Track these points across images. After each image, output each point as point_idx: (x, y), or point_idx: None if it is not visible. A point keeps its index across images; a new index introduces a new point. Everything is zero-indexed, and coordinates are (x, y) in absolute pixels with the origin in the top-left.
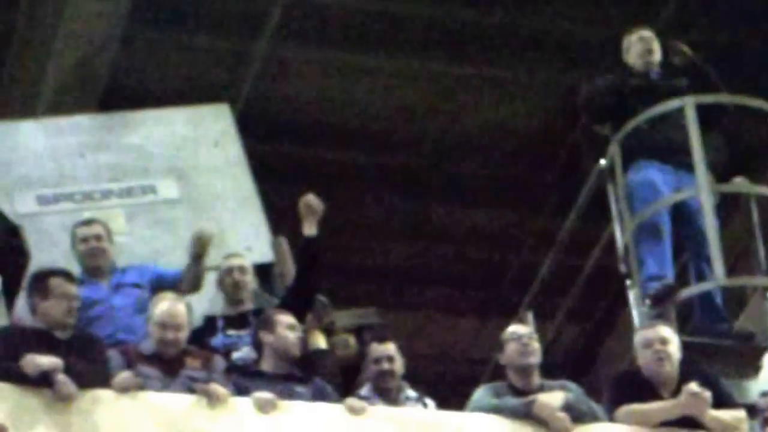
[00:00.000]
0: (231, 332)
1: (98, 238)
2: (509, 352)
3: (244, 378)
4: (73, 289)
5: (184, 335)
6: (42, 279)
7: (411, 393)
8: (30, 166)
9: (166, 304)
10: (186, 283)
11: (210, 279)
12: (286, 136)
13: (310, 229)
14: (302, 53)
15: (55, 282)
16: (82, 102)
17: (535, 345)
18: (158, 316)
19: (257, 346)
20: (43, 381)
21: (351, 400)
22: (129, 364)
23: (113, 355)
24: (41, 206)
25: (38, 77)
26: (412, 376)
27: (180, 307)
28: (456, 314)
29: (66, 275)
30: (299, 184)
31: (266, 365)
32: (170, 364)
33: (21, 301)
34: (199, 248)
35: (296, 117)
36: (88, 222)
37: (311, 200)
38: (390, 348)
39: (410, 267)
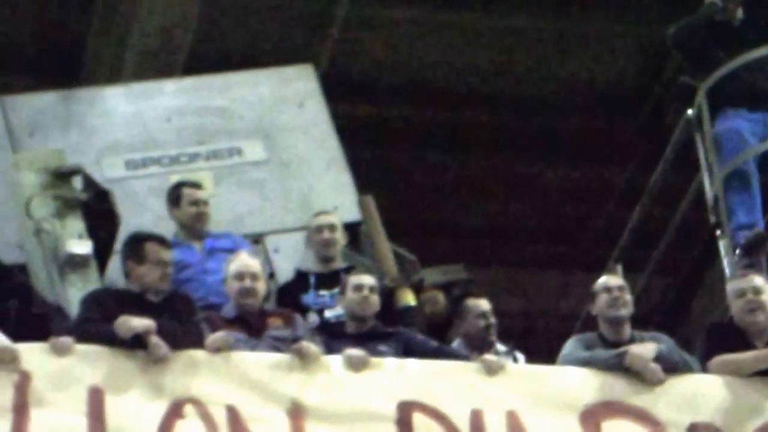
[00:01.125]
0: (323, 291)
1: (207, 202)
2: (600, 304)
3: (330, 340)
4: (168, 255)
5: (261, 286)
6: (138, 244)
7: (501, 347)
8: (117, 131)
9: (238, 258)
10: None
11: (299, 239)
12: (370, 96)
13: None
14: (384, 13)
15: (151, 247)
16: (166, 67)
17: (627, 297)
18: (233, 269)
19: None
20: (136, 343)
21: (486, 357)
22: (214, 331)
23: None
24: (129, 171)
25: (123, 44)
26: (500, 332)
27: (253, 260)
28: (542, 269)
29: (161, 241)
30: (383, 144)
31: (349, 327)
32: (253, 326)
33: (114, 265)
34: None
35: (379, 76)
36: (196, 185)
37: None
38: (483, 303)
39: (496, 223)
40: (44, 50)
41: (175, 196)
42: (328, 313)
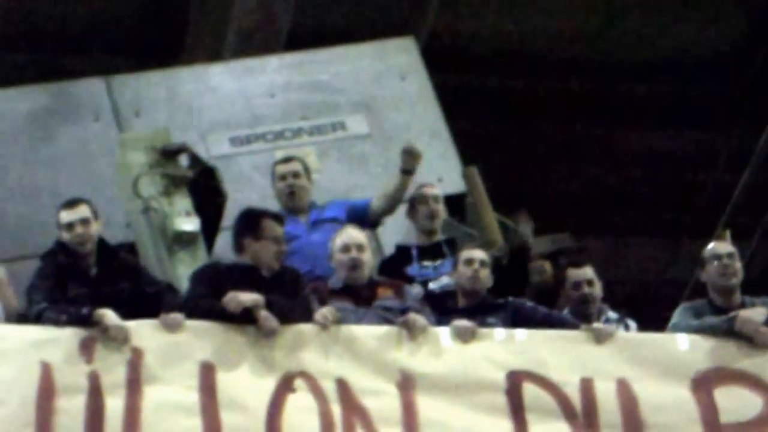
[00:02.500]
0: (426, 263)
1: (296, 174)
2: (710, 272)
3: (440, 315)
4: (282, 231)
5: (367, 257)
6: (255, 220)
7: (612, 314)
8: (221, 108)
9: (344, 231)
10: (386, 200)
11: (403, 212)
12: (471, 67)
13: None
14: None
15: (268, 224)
16: (267, 43)
17: (737, 265)
18: (339, 242)
19: None
20: (246, 318)
21: (594, 325)
22: (321, 302)
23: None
24: (234, 147)
25: (223, 21)
26: (610, 300)
27: (358, 232)
28: (651, 236)
29: (277, 217)
30: (486, 114)
31: (459, 301)
32: (362, 296)
33: (221, 241)
34: (410, 163)
35: (480, 47)
36: (286, 159)
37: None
38: (588, 271)
39: (603, 191)
40: (147, 30)
41: (271, 173)
42: (432, 285)
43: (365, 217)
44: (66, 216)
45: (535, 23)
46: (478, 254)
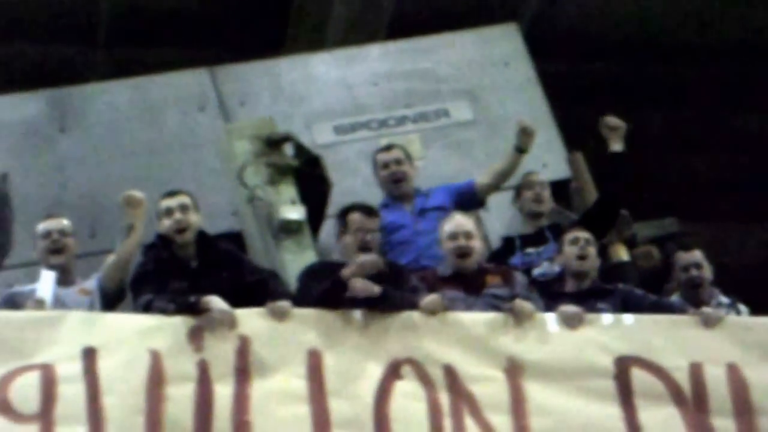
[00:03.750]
0: (529, 250)
1: (398, 162)
2: None
3: (549, 300)
4: (371, 222)
5: (475, 244)
6: (343, 215)
7: (723, 299)
8: (325, 97)
9: (452, 218)
10: (494, 176)
11: (509, 198)
12: (574, 53)
13: (615, 145)
14: None
15: (353, 217)
16: (369, 32)
17: None
18: (447, 230)
19: None
20: (352, 305)
21: (703, 309)
22: (431, 289)
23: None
24: (339, 136)
25: (326, 11)
26: (720, 285)
27: (466, 219)
28: (755, 221)
29: (364, 209)
30: (590, 100)
31: (568, 285)
32: (471, 284)
33: (326, 229)
34: (525, 141)
35: (583, 32)
36: (387, 147)
37: (610, 119)
38: (697, 255)
39: (708, 176)
40: (250, 21)
41: (373, 162)
42: (536, 271)
43: (473, 197)
44: (166, 203)
45: (640, 8)
46: (584, 233)
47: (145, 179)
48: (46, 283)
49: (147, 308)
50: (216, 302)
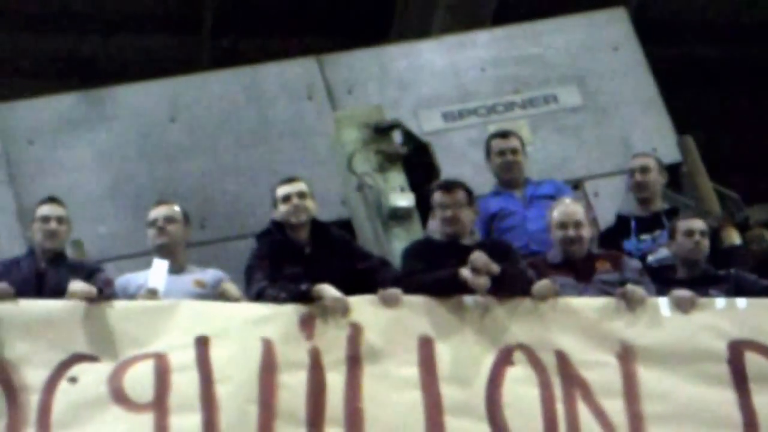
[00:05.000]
0: (644, 236)
1: (514, 151)
2: None
3: (660, 286)
4: (447, 198)
5: (584, 232)
6: (431, 194)
7: None
8: (433, 84)
9: (561, 206)
10: None
11: (619, 183)
12: (682, 37)
13: None
14: None
15: (435, 196)
16: (475, 18)
17: None
18: (556, 217)
19: None
20: (458, 290)
21: None
22: (539, 276)
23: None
24: (447, 123)
25: None
26: None
27: (576, 206)
28: None
29: (444, 186)
30: (699, 83)
31: (679, 272)
32: (581, 270)
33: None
34: None
35: (691, 16)
36: (504, 135)
37: None
38: None
39: None
40: (356, 9)
41: (486, 147)
42: (651, 258)
43: None
44: (283, 190)
45: None
46: (698, 225)
47: (253, 168)
48: (158, 272)
49: (259, 296)
50: (328, 290)
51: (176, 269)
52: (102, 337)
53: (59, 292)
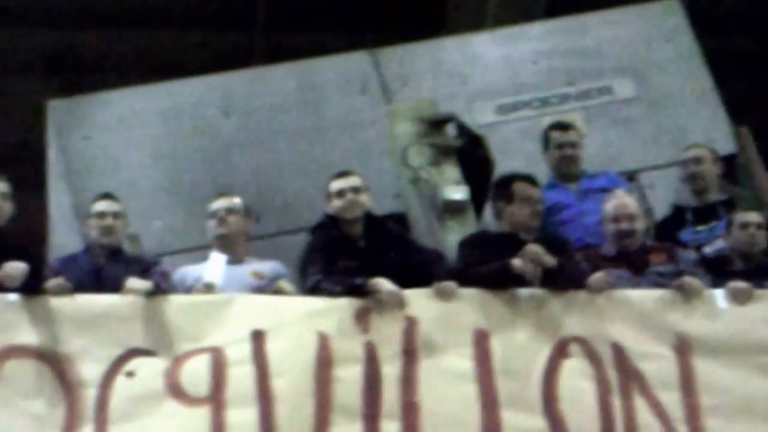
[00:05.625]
0: (700, 227)
1: (573, 145)
2: None
3: (716, 278)
4: (536, 192)
5: (638, 225)
6: (506, 184)
7: None
8: (486, 77)
9: (615, 199)
10: None
11: (674, 175)
12: (737, 28)
13: None
14: None
15: (519, 186)
16: (528, 10)
17: None
18: (609, 210)
19: None
20: (514, 283)
21: None
22: (593, 268)
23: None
24: (500, 115)
25: None
26: None
27: (629, 199)
28: None
29: (529, 179)
30: (755, 74)
31: (735, 264)
32: (635, 262)
33: (489, 209)
34: None
35: (744, 8)
36: (564, 127)
37: None
38: None
39: None
40: (409, 3)
41: (544, 139)
42: (707, 249)
43: None
44: (337, 184)
45: None
46: (754, 217)
47: (307, 163)
48: (215, 266)
49: (314, 289)
50: (384, 284)
51: (235, 260)
52: (159, 332)
53: (117, 287)
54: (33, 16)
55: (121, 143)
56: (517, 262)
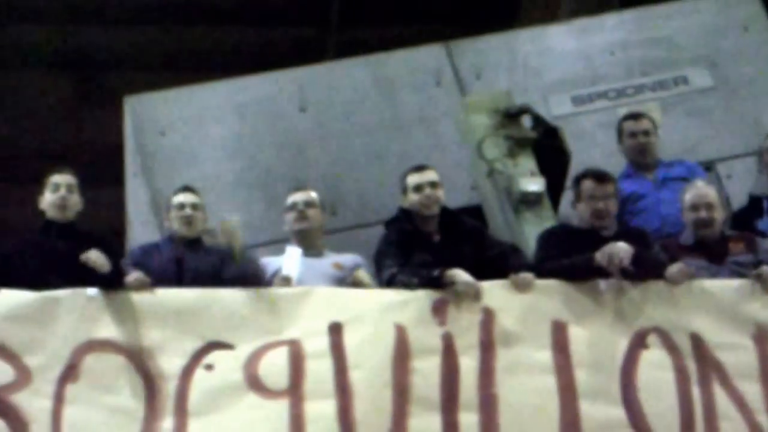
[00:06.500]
0: None
1: (646, 132)
2: None
3: None
4: (602, 189)
5: (717, 215)
6: (577, 182)
7: None
8: (562, 68)
9: (693, 188)
10: None
11: (752, 164)
12: None
13: None
14: None
15: (585, 184)
16: (602, 1)
17: None
18: (688, 199)
19: None
20: (589, 275)
21: None
22: (672, 258)
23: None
24: (576, 106)
25: None
26: None
27: (708, 188)
28: None
29: (597, 176)
30: None
31: None
32: (714, 252)
33: (566, 200)
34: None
35: None
36: (636, 116)
37: None
38: None
39: None
40: None
41: (618, 130)
42: None
43: None
44: (414, 179)
45: None
46: None
47: (383, 155)
48: (292, 259)
49: (390, 282)
50: (460, 275)
51: (315, 253)
52: (237, 325)
53: (197, 277)
54: (113, 16)
55: (197, 138)
56: (600, 257)
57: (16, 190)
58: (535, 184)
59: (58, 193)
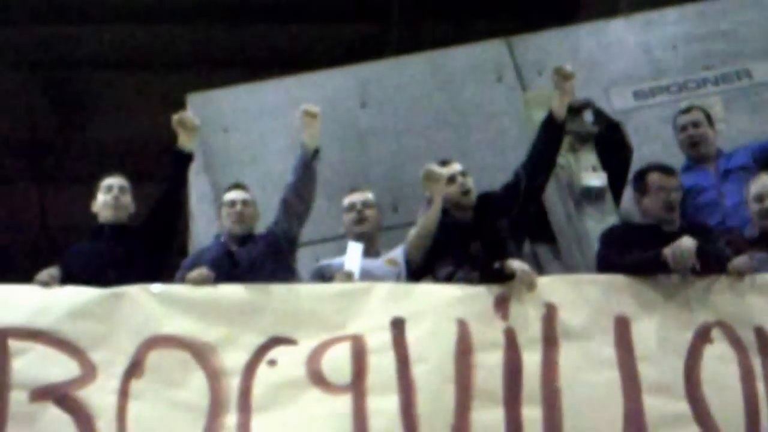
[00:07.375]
0: None
1: (695, 124)
2: None
3: None
4: (670, 182)
5: None
6: (642, 176)
7: None
8: (623, 62)
9: (759, 180)
10: None
11: None
12: None
13: None
14: None
15: (653, 177)
16: None
17: None
18: (753, 191)
19: None
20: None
21: None
22: (736, 252)
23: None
24: (638, 101)
25: None
26: None
27: None
28: None
29: (664, 169)
30: None
31: None
32: None
33: (628, 195)
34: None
35: None
36: (686, 110)
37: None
38: None
39: None
40: None
41: (674, 124)
42: None
43: None
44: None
45: None
46: None
47: (444, 151)
48: (353, 255)
49: (449, 278)
50: (518, 264)
51: (373, 254)
52: (299, 321)
53: (251, 269)
54: (169, 14)
55: (259, 135)
56: (669, 253)
57: None
58: (597, 179)
59: (110, 194)
